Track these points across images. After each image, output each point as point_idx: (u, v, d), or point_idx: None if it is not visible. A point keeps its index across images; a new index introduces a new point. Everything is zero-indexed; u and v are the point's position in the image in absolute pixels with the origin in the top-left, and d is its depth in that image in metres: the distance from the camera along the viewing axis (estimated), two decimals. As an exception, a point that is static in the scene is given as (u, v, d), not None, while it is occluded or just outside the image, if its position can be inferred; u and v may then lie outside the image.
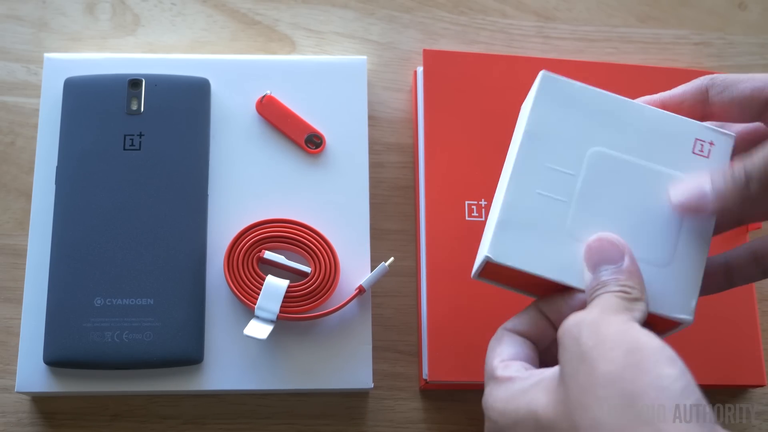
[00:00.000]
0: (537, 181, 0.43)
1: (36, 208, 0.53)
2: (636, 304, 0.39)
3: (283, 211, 0.53)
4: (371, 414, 0.54)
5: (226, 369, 0.51)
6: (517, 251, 0.42)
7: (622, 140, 0.44)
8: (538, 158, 0.43)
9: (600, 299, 0.39)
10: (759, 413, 0.55)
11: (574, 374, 0.36)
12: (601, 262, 0.41)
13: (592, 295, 0.40)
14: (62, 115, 0.54)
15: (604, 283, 0.40)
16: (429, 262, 0.54)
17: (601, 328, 0.36)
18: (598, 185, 0.43)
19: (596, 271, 0.41)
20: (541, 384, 0.38)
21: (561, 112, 0.44)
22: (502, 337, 0.43)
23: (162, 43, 0.60)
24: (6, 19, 0.59)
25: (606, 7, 0.63)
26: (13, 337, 0.53)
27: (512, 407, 0.39)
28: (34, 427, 0.52)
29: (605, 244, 0.41)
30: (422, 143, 0.57)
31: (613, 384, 0.34)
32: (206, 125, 0.55)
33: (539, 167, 0.43)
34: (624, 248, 0.41)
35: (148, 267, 0.51)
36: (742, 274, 0.47)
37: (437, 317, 0.53)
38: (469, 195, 0.56)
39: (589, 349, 0.36)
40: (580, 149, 0.44)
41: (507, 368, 0.41)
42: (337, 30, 0.61)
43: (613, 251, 0.41)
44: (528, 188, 0.43)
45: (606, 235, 0.42)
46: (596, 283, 0.40)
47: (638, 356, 0.35)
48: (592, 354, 0.35)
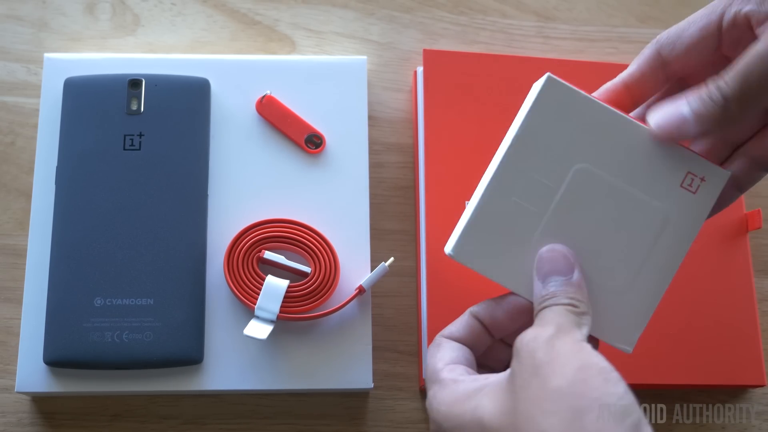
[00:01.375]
0: (516, 188, 0.43)
1: (36, 208, 0.53)
2: (584, 318, 0.40)
3: (283, 211, 0.53)
4: (371, 414, 0.54)
5: (226, 369, 0.51)
6: (480, 254, 0.44)
7: (613, 160, 0.43)
8: (522, 164, 0.43)
9: (552, 312, 0.40)
10: (759, 413, 0.55)
11: (525, 386, 0.37)
12: (552, 272, 0.42)
13: (541, 305, 0.41)
14: (62, 115, 0.54)
15: (554, 294, 0.41)
16: (429, 262, 0.54)
17: (555, 344, 0.38)
18: (576, 202, 0.43)
19: (545, 281, 0.42)
20: (486, 389, 0.39)
21: (558, 120, 0.43)
22: (441, 343, 0.44)
23: (162, 43, 0.60)
24: (6, 19, 0.59)
25: (606, 7, 0.63)
26: (13, 337, 0.53)
27: (457, 411, 0.40)
28: (34, 427, 0.52)
29: (557, 255, 0.42)
30: (422, 143, 0.57)
31: (562, 399, 0.35)
32: (206, 125, 0.55)
33: (522, 174, 0.43)
34: (575, 262, 0.42)
35: (148, 267, 0.51)
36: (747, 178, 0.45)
37: (437, 318, 0.53)
38: (468, 195, 0.55)
39: (544, 363, 0.37)
40: (566, 162, 0.43)
41: (452, 371, 0.42)
42: (337, 30, 0.61)
43: (563, 263, 0.42)
44: (506, 193, 0.43)
45: (559, 246, 0.43)
46: (545, 293, 0.41)
47: (587, 374, 0.36)
48: (546, 369, 0.37)
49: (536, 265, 0.43)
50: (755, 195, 0.59)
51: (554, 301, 0.41)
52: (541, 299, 0.41)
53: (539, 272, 0.42)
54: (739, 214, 0.57)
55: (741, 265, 0.56)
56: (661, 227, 0.43)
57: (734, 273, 0.56)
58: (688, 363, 0.54)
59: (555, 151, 0.43)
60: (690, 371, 0.54)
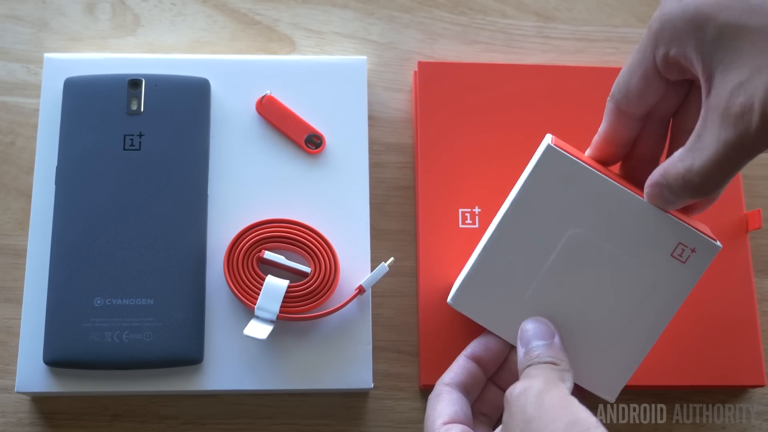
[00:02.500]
0: (512, 248, 0.47)
1: (36, 208, 0.53)
2: (566, 375, 0.44)
3: (283, 211, 0.53)
4: (371, 414, 0.54)
5: (226, 369, 0.51)
6: (476, 305, 0.48)
7: (606, 227, 0.46)
8: (520, 226, 0.47)
9: (536, 369, 0.44)
10: (759, 413, 0.55)
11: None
12: (533, 338, 0.46)
13: (526, 364, 0.45)
14: (62, 115, 0.54)
15: (537, 355, 0.45)
16: (422, 269, 0.54)
17: (545, 399, 0.41)
18: (568, 264, 0.47)
19: (528, 346, 0.46)
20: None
21: (555, 186, 0.46)
22: (441, 393, 0.47)
23: (162, 43, 0.60)
24: (6, 19, 0.59)
25: (606, 7, 0.63)
26: (13, 337, 0.53)
27: None
28: (34, 427, 0.52)
29: (540, 324, 0.47)
30: (419, 149, 0.57)
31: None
32: (206, 125, 0.55)
33: (519, 235, 0.47)
34: (554, 330, 0.46)
35: (148, 267, 0.51)
36: None
37: (431, 323, 0.53)
38: (462, 203, 0.56)
39: (534, 418, 0.40)
40: (561, 227, 0.46)
41: (449, 431, 0.45)
42: (337, 30, 0.61)
43: (545, 330, 0.46)
44: (503, 252, 0.47)
45: (540, 318, 0.47)
46: (529, 355, 0.45)
47: (576, 430, 0.39)
48: (537, 423, 0.40)
49: (519, 335, 0.46)
50: (755, 195, 0.59)
51: (538, 360, 0.44)
52: (526, 360, 0.45)
53: (522, 340, 0.46)
54: (739, 214, 0.57)
55: (741, 265, 0.56)
56: (648, 291, 0.47)
57: (734, 273, 0.55)
58: (688, 363, 0.54)
59: (551, 216, 0.46)
60: (690, 371, 0.54)
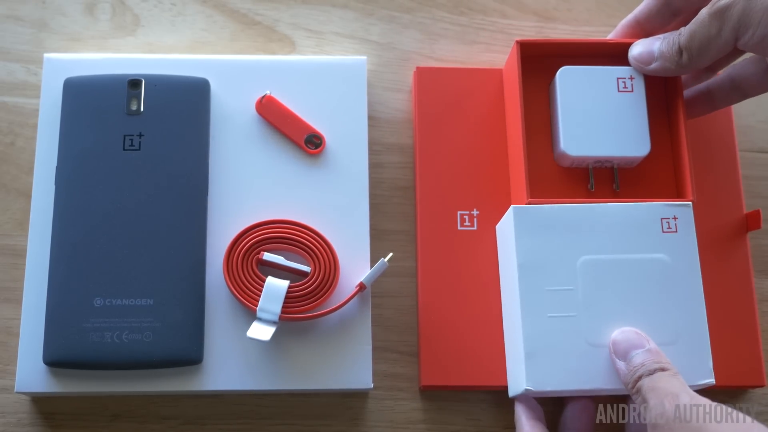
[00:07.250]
0: (545, 306, 0.48)
1: (36, 208, 0.53)
2: (680, 377, 0.43)
3: (282, 211, 0.53)
4: (371, 414, 0.54)
5: (226, 369, 0.51)
6: (550, 376, 0.47)
7: (602, 242, 0.48)
8: (538, 285, 0.48)
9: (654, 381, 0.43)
10: (759, 413, 0.55)
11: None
12: (630, 348, 0.45)
13: (634, 376, 0.44)
14: (62, 116, 0.54)
15: (642, 364, 0.44)
16: (421, 271, 0.55)
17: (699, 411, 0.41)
18: (597, 289, 0.48)
19: (627, 357, 0.45)
20: None
21: (541, 235, 0.49)
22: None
23: (162, 43, 0.60)
24: (6, 19, 0.59)
25: (606, 7, 0.63)
26: (13, 337, 0.53)
27: None
28: (34, 427, 0.52)
29: (629, 334, 0.46)
30: (417, 154, 0.57)
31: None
32: (206, 125, 0.55)
33: (542, 293, 0.48)
34: (645, 335, 0.46)
35: (147, 267, 0.51)
36: (723, 97, 0.54)
37: (431, 323, 0.53)
38: (460, 205, 0.56)
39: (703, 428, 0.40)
40: (570, 263, 0.48)
41: None
42: (337, 30, 0.61)
43: (637, 338, 0.46)
44: (539, 315, 0.48)
45: (626, 328, 0.47)
46: (633, 366, 0.44)
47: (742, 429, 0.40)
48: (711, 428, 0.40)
49: (612, 349, 0.46)
50: (755, 195, 0.59)
51: (647, 369, 0.44)
52: (632, 372, 0.44)
53: (618, 353, 0.46)
54: (739, 214, 0.57)
55: (741, 265, 0.56)
56: (669, 272, 0.48)
57: (734, 273, 0.55)
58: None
59: (555, 260, 0.48)
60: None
